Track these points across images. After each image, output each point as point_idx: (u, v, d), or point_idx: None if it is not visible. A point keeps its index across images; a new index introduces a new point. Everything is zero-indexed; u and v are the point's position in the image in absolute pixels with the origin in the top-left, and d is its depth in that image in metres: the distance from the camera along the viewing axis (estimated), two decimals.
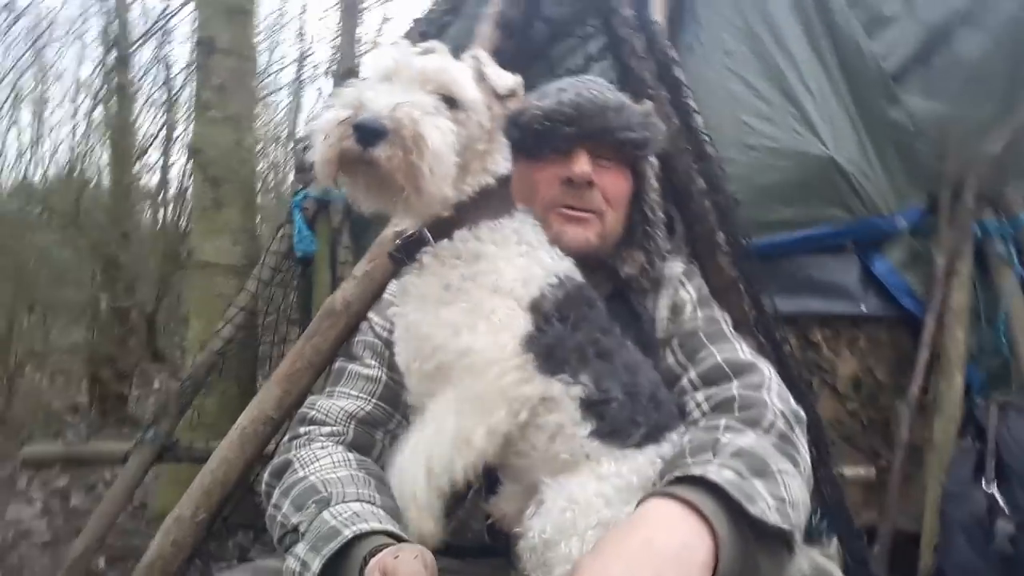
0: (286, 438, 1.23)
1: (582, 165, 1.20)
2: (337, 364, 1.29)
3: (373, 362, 1.25)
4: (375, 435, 1.20)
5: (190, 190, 5.58)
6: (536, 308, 1.03)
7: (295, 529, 0.99)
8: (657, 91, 1.37)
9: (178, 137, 6.87)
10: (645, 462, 1.01)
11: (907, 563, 2.22)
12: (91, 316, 4.57)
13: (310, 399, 1.25)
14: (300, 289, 2.88)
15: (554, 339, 1.02)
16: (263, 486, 1.19)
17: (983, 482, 1.87)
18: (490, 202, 1.07)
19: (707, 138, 1.41)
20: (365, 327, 1.30)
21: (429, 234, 1.05)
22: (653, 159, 1.33)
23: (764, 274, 1.65)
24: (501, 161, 1.10)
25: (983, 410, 2.04)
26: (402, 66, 0.97)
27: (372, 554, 0.88)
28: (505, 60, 1.42)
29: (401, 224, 1.37)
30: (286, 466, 1.13)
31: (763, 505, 0.82)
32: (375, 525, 0.93)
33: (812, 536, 1.45)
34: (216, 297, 2.81)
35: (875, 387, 2.51)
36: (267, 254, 2.66)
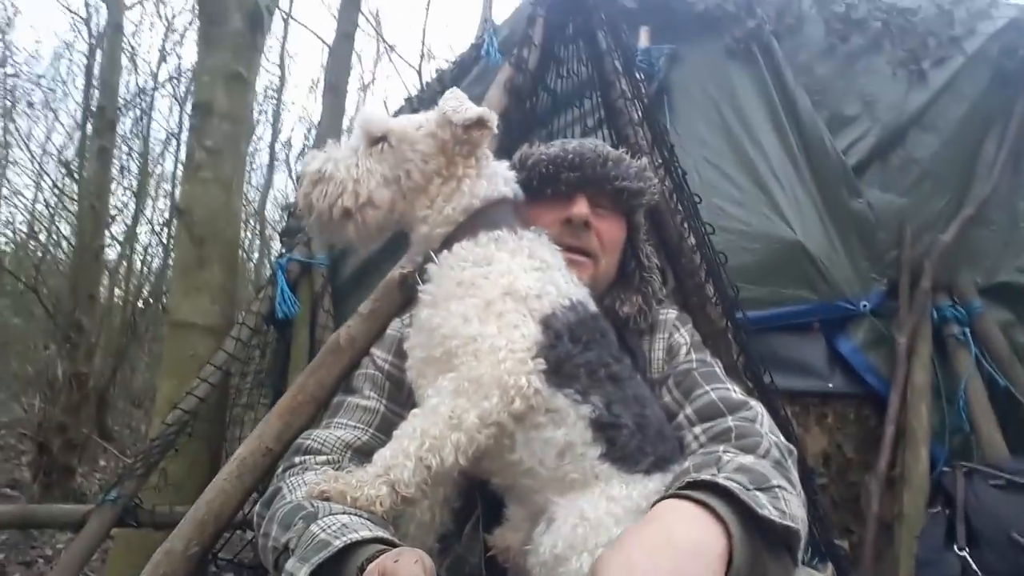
0: (280, 468, 1.21)
1: (581, 207, 1.28)
2: (336, 399, 1.30)
3: (372, 394, 1.26)
4: None
5: (172, 253, 5.54)
6: (547, 324, 1.07)
7: (286, 548, 0.97)
8: (652, 155, 1.48)
9: (148, 210, 6.89)
10: (654, 489, 1.04)
11: None
12: (46, 383, 4.39)
13: (306, 432, 1.25)
14: (277, 351, 2.86)
15: (564, 354, 1.06)
16: (255, 517, 1.17)
17: (955, 547, 1.91)
18: (484, 219, 1.16)
19: (697, 199, 1.52)
20: (366, 361, 1.32)
21: (433, 254, 1.14)
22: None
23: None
24: (486, 185, 1.19)
25: (950, 478, 2.10)
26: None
27: (370, 560, 0.87)
28: (512, 126, 1.53)
29: (406, 265, 1.44)
30: (275, 494, 1.12)
31: (768, 509, 0.85)
32: (366, 534, 0.91)
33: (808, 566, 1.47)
34: (190, 357, 2.75)
35: (844, 463, 2.58)
36: (247, 314, 2.66)
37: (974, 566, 1.87)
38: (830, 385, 2.58)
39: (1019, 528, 1.84)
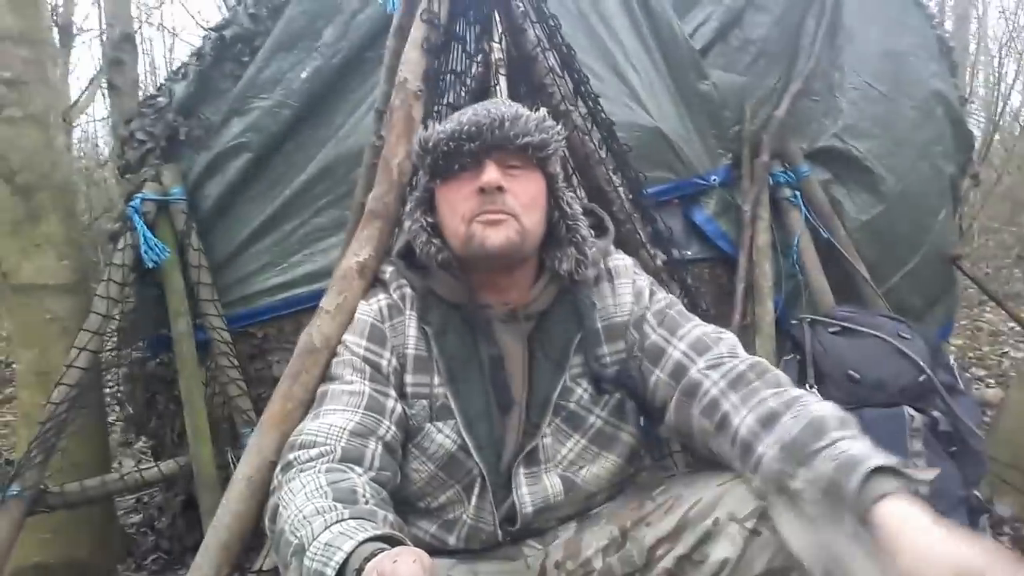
0: (277, 468, 1.25)
1: (490, 173, 1.28)
2: (320, 390, 1.33)
3: (354, 378, 1.30)
4: (367, 444, 1.24)
5: None
6: None
7: None
8: (576, 106, 1.52)
9: None
10: None
11: None
12: None
13: (297, 428, 1.27)
14: (144, 300, 2.66)
15: None
16: (267, 532, 1.23)
17: (806, 386, 2.37)
18: None
19: (613, 123, 1.58)
20: (341, 349, 1.35)
21: None
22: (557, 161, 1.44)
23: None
24: None
25: (799, 328, 2.54)
26: None
27: (367, 559, 0.90)
28: (432, 81, 1.50)
29: (361, 253, 1.43)
30: (275, 508, 1.17)
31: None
32: (348, 547, 0.94)
33: None
34: (48, 321, 2.49)
35: (704, 317, 2.96)
36: (110, 268, 2.42)
37: (819, 397, 2.34)
38: (688, 252, 2.90)
39: (852, 365, 2.31)
